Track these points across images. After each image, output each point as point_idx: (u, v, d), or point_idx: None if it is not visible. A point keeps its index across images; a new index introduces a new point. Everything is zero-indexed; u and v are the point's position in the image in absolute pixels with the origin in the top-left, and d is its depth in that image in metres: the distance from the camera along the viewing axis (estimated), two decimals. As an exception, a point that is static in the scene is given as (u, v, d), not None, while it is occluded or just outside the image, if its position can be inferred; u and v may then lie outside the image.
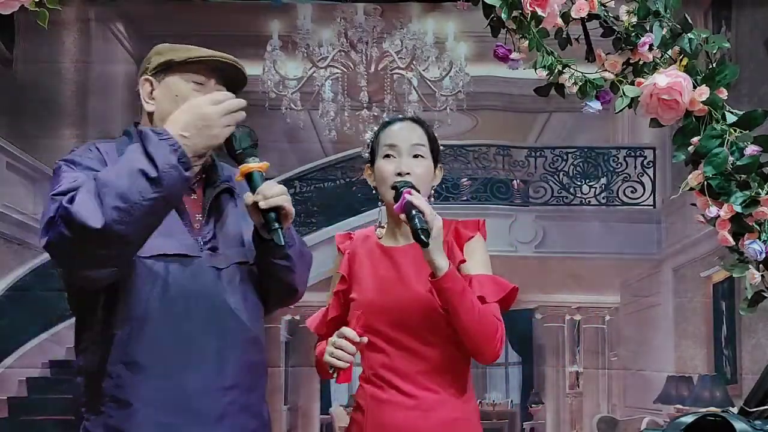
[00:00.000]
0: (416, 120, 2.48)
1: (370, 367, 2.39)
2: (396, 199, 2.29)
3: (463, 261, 2.36)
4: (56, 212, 2.02)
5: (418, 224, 2.20)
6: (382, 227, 2.50)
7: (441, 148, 2.48)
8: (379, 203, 2.47)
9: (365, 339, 2.29)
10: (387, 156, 2.39)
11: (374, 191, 2.47)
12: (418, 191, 2.30)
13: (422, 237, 2.19)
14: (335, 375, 2.28)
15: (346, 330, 2.27)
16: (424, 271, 2.32)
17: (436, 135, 2.48)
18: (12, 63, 5.67)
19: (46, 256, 5.74)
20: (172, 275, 2.17)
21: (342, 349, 2.26)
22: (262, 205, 2.12)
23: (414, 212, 2.22)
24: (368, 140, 2.50)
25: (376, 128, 2.51)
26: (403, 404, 2.34)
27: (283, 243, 2.14)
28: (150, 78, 2.27)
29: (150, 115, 2.27)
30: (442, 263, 2.24)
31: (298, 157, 6.05)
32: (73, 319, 2.28)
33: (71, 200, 2.01)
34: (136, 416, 2.12)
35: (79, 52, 5.77)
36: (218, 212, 2.29)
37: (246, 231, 2.27)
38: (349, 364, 2.26)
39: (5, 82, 5.65)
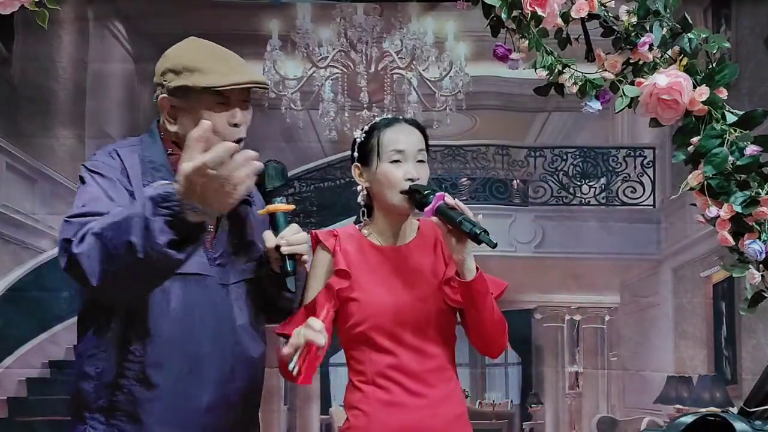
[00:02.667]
0: (415, 123, 2.50)
1: (374, 368, 2.37)
2: (420, 202, 2.31)
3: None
4: (68, 247, 2.02)
5: (474, 228, 2.24)
6: (364, 225, 2.48)
7: (441, 148, 2.50)
8: (363, 204, 2.46)
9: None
10: (395, 161, 2.38)
11: (362, 191, 2.45)
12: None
13: (487, 237, 2.23)
14: (296, 372, 2.13)
15: (312, 321, 2.18)
16: (425, 271, 2.39)
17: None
18: (10, 62, 5.65)
19: (45, 257, 5.72)
20: (187, 294, 2.19)
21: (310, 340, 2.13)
22: (284, 250, 2.15)
23: (460, 215, 2.25)
24: (358, 139, 2.46)
25: (364, 128, 2.47)
26: (412, 404, 2.35)
27: (294, 290, 2.20)
28: (167, 96, 2.23)
29: (174, 132, 2.24)
30: (473, 265, 2.30)
31: (297, 157, 6.03)
32: (72, 320, 2.28)
33: (81, 241, 2.00)
34: None
35: (77, 51, 5.74)
36: (233, 223, 2.28)
37: (260, 243, 2.28)
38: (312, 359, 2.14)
39: (3, 82, 5.64)
